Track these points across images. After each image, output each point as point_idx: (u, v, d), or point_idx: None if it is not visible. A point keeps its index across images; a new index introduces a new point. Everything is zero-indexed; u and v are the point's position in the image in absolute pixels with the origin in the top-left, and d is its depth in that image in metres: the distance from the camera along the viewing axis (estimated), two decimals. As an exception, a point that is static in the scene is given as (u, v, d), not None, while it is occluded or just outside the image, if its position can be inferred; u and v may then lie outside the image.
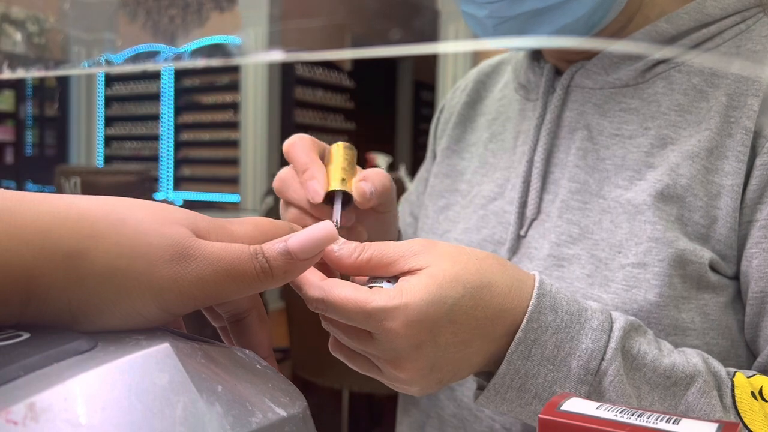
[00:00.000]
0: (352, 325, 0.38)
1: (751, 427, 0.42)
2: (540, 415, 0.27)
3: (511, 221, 0.58)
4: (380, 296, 0.37)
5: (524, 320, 0.40)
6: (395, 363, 0.39)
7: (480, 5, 0.52)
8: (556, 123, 0.58)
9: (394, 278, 0.39)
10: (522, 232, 0.58)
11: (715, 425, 0.26)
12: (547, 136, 0.57)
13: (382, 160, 3.69)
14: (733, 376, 0.45)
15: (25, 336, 0.25)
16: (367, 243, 0.40)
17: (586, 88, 0.57)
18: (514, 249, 0.58)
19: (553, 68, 0.59)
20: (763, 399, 0.43)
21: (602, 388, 0.41)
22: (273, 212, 2.08)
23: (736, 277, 0.51)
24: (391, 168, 3.89)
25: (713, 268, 0.50)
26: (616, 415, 0.27)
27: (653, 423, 0.26)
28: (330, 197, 0.46)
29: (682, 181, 0.50)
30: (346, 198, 0.47)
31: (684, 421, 0.26)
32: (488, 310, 0.39)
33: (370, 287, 0.38)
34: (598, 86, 0.56)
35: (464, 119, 0.69)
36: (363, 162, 3.99)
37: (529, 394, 0.41)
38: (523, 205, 0.58)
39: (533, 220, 0.57)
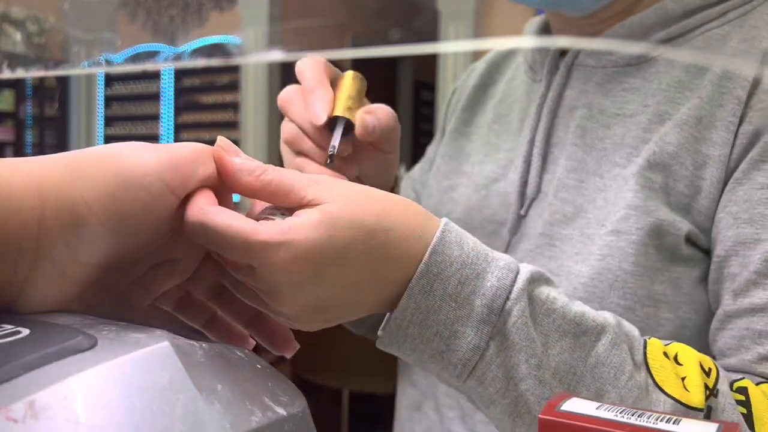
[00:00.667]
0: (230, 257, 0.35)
1: (662, 385, 0.41)
2: (540, 415, 0.27)
3: (512, 200, 0.58)
4: (265, 229, 0.34)
5: (427, 252, 0.38)
6: (275, 298, 0.36)
7: None
8: (557, 102, 0.58)
9: (290, 211, 0.36)
10: (522, 212, 0.57)
11: (715, 425, 0.26)
12: (548, 115, 0.57)
13: (382, 160, 3.70)
14: (648, 339, 0.43)
15: (25, 333, 0.25)
16: (272, 166, 0.37)
17: (588, 67, 0.57)
18: (515, 229, 0.58)
19: (557, 48, 0.60)
20: (677, 362, 0.42)
21: (506, 330, 0.38)
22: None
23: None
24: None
25: (690, 240, 0.50)
26: (616, 415, 0.27)
27: (653, 423, 0.26)
28: (332, 123, 0.46)
29: (669, 148, 0.50)
30: (348, 127, 0.46)
31: (684, 421, 0.27)
32: (384, 252, 0.37)
33: (262, 219, 0.36)
34: (601, 65, 0.56)
35: (474, 102, 0.69)
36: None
37: (431, 330, 0.38)
38: (524, 185, 0.58)
39: (533, 199, 0.57)
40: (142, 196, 0.31)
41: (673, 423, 0.26)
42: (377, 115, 0.47)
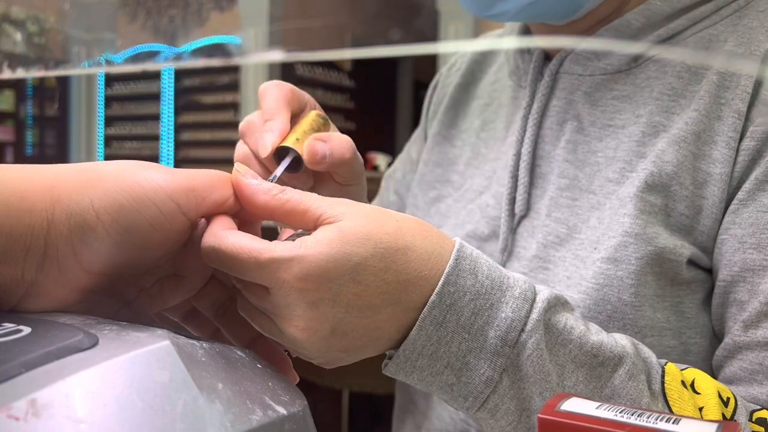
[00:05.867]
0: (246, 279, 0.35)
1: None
2: (540, 415, 0.27)
3: (502, 218, 0.55)
4: (277, 246, 0.33)
5: (440, 282, 0.36)
6: (289, 320, 0.34)
7: None
8: (542, 113, 0.55)
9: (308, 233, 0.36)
10: (513, 228, 0.55)
11: (715, 425, 0.26)
12: (533, 126, 0.54)
13: (382, 159, 3.69)
14: (665, 365, 0.42)
15: (26, 331, 0.25)
16: (289, 187, 0.36)
17: (575, 75, 0.53)
18: (507, 249, 0.55)
19: (542, 54, 0.56)
20: (694, 391, 0.41)
21: (520, 362, 0.37)
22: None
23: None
24: (391, 168, 3.88)
25: (693, 262, 0.48)
26: (616, 415, 0.27)
27: (653, 423, 0.26)
28: (281, 153, 0.44)
29: (667, 168, 0.47)
30: (299, 160, 0.44)
31: (684, 421, 0.27)
32: (402, 275, 0.35)
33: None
34: (588, 72, 0.53)
35: (456, 102, 0.66)
36: (363, 162, 4.00)
37: (441, 362, 0.37)
38: (512, 201, 0.55)
39: (522, 217, 0.55)
40: (151, 213, 0.31)
41: (673, 423, 0.26)
42: (331, 144, 0.44)
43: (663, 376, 0.41)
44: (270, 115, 0.44)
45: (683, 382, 0.41)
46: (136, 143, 5.46)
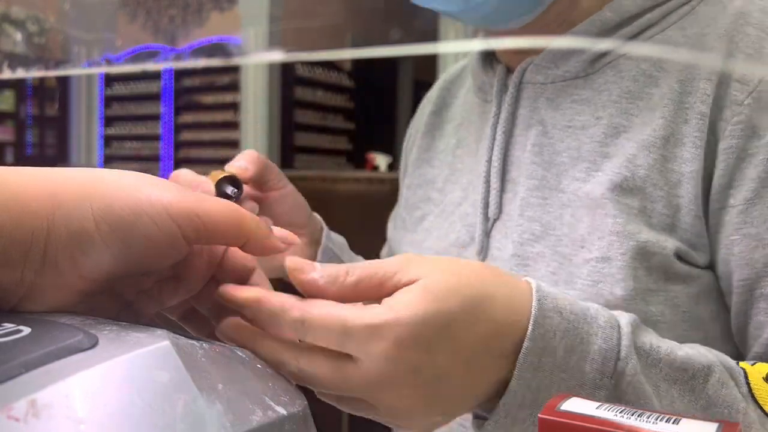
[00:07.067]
0: (332, 348, 0.34)
1: None
2: (540, 415, 0.27)
3: (477, 223, 0.57)
4: (365, 312, 0.33)
5: (530, 326, 0.36)
6: (387, 391, 0.34)
7: None
8: (511, 121, 0.57)
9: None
10: (487, 232, 0.57)
11: (715, 425, 0.26)
12: (502, 134, 0.57)
13: (382, 160, 3.69)
14: (737, 364, 0.43)
15: (26, 331, 0.25)
16: (350, 265, 0.35)
17: (537, 84, 0.56)
18: (483, 252, 0.57)
19: (504, 68, 0.59)
20: None
21: (620, 391, 0.37)
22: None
23: (708, 267, 0.50)
24: (391, 168, 3.89)
25: (681, 258, 0.49)
26: (616, 415, 0.27)
27: (653, 423, 0.26)
28: (219, 190, 0.51)
29: (640, 172, 0.49)
30: (236, 185, 0.51)
31: (684, 421, 0.27)
32: (491, 324, 0.35)
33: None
34: (549, 80, 0.55)
35: (432, 128, 0.69)
36: (363, 162, 3.99)
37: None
38: (486, 206, 0.57)
39: (495, 220, 0.56)
40: (149, 230, 0.30)
41: (673, 423, 0.26)
42: (242, 157, 0.54)
43: (746, 377, 0.42)
44: (194, 182, 0.51)
45: (764, 379, 0.42)
46: (136, 143, 5.46)
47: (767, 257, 0.47)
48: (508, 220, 0.55)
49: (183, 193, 0.31)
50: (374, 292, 0.35)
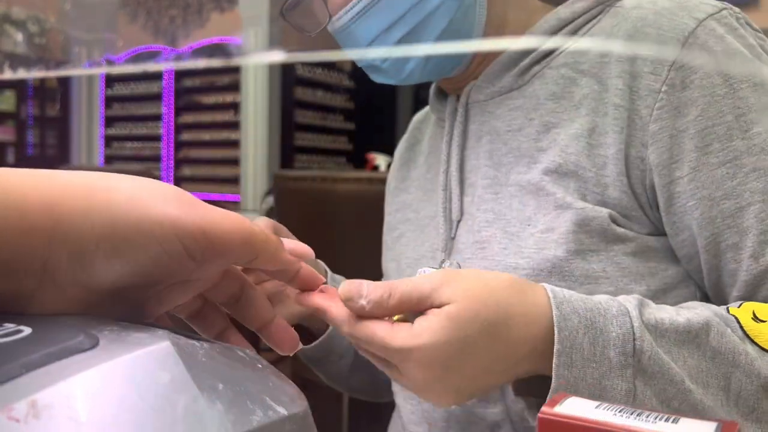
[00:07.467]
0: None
1: (766, 347, 0.47)
2: (540, 415, 0.28)
3: (439, 224, 0.65)
4: (400, 335, 0.42)
5: (555, 331, 0.43)
6: (419, 390, 0.45)
7: (380, 65, 0.63)
8: (464, 136, 0.66)
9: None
10: (452, 234, 0.65)
11: (714, 424, 0.26)
12: (457, 147, 0.66)
13: (382, 160, 3.69)
14: (728, 311, 0.50)
15: (27, 332, 0.25)
16: (390, 285, 0.43)
17: (480, 101, 0.66)
18: (449, 251, 0.65)
19: (454, 97, 0.68)
20: (762, 320, 0.48)
21: (643, 365, 0.44)
22: (273, 212, 2.08)
23: (648, 233, 0.57)
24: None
25: (616, 222, 0.56)
26: (615, 414, 0.27)
27: (652, 422, 0.26)
28: None
29: (571, 158, 0.57)
30: None
31: (683, 420, 0.27)
32: (508, 342, 0.43)
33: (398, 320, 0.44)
34: (490, 97, 0.65)
35: (407, 160, 0.79)
36: (363, 162, 3.99)
37: (584, 396, 0.42)
38: (448, 210, 0.65)
39: (458, 221, 0.64)
40: (154, 251, 0.29)
41: (672, 422, 0.26)
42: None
43: (738, 321, 0.48)
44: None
45: (753, 319, 0.49)
46: (136, 143, 5.46)
47: (723, 213, 0.53)
48: (469, 219, 0.63)
49: (189, 205, 0.30)
50: (414, 308, 0.43)
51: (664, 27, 0.56)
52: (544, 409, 0.28)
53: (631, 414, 0.27)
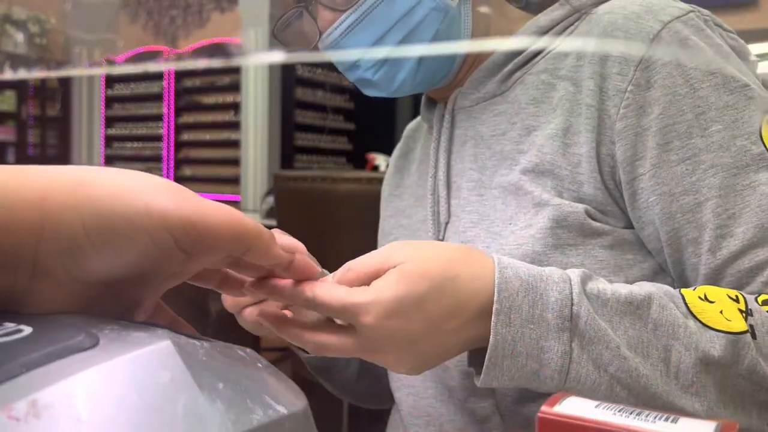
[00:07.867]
0: (335, 321, 0.47)
1: (710, 324, 0.49)
2: (539, 414, 0.28)
3: (429, 227, 0.67)
4: (356, 292, 0.44)
5: (495, 292, 0.46)
6: (378, 354, 0.46)
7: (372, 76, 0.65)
8: (450, 141, 0.69)
9: None
10: (441, 236, 0.67)
11: (713, 424, 0.27)
12: (444, 152, 0.68)
13: (382, 160, 3.69)
14: (680, 290, 0.52)
15: (27, 331, 0.25)
16: (349, 263, 0.46)
17: (466, 107, 0.68)
18: None
19: (443, 104, 0.70)
20: (709, 301, 0.50)
21: (580, 330, 0.47)
22: (273, 212, 2.07)
23: (624, 227, 0.59)
24: (392, 168, 3.87)
25: (592, 217, 0.58)
26: (615, 414, 0.27)
27: (651, 422, 0.26)
28: None
29: (547, 158, 0.60)
30: None
31: (682, 420, 0.27)
32: (455, 298, 0.45)
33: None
34: (475, 103, 0.67)
35: (400, 168, 0.81)
36: (363, 162, 3.99)
37: (522, 356, 0.47)
38: (436, 214, 0.68)
39: (446, 224, 0.67)
40: (143, 242, 0.28)
41: (671, 422, 0.26)
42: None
43: (684, 299, 0.51)
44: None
45: (700, 298, 0.51)
46: (137, 143, 5.46)
47: (683, 208, 0.55)
48: (456, 220, 0.66)
49: (180, 197, 0.29)
50: (373, 278, 0.45)
51: (631, 30, 0.58)
52: (543, 408, 0.28)
53: (631, 413, 0.27)
